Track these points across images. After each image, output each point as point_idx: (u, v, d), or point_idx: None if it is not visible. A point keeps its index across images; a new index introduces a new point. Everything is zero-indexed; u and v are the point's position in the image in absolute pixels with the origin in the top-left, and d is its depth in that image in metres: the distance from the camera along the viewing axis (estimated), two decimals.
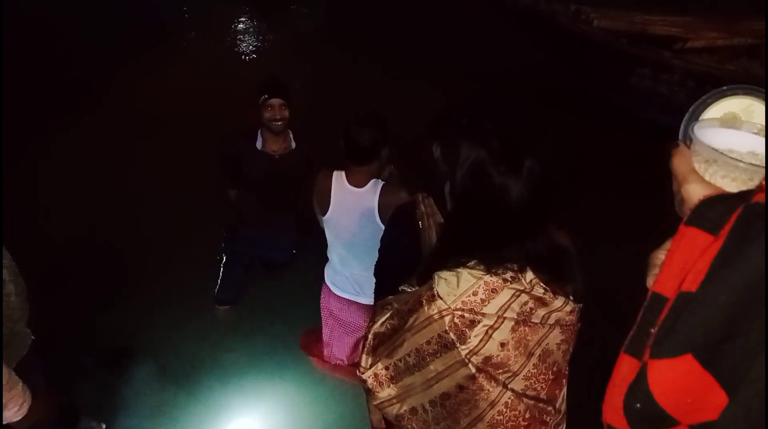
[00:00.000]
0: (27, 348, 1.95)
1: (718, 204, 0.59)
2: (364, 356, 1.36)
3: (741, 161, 0.62)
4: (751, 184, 0.62)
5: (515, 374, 1.29)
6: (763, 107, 0.70)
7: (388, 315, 1.38)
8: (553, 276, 1.32)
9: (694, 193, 0.64)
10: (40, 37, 7.07)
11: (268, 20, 9.32)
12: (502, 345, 1.26)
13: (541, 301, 1.29)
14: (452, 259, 1.32)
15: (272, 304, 3.46)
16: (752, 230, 0.51)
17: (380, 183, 2.39)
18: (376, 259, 1.93)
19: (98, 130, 5.24)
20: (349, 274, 2.61)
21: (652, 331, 0.59)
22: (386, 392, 1.34)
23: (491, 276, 1.26)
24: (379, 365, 1.33)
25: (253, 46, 8.44)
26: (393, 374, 1.32)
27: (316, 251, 2.83)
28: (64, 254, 3.61)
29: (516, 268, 1.28)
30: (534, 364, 1.31)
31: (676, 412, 0.54)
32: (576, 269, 1.37)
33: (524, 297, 1.27)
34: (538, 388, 1.33)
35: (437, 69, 6.31)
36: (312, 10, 9.76)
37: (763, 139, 0.66)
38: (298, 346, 3.13)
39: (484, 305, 1.25)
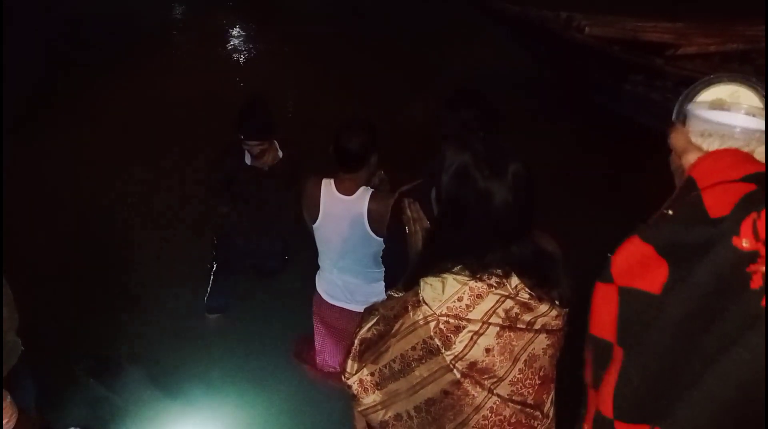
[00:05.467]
0: (17, 357, 1.95)
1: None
2: (349, 362, 1.36)
3: (737, 127, 0.69)
4: (747, 150, 0.68)
5: (501, 379, 1.29)
6: (748, 92, 0.77)
7: (374, 321, 1.38)
8: (538, 281, 1.32)
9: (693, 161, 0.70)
10: (31, 39, 7.07)
11: (262, 24, 9.28)
12: (487, 350, 1.26)
13: (526, 306, 1.29)
14: (438, 265, 1.32)
15: (263, 312, 3.44)
16: None
17: (369, 190, 2.39)
18: (384, 274, 1.92)
19: (89, 134, 5.20)
20: (340, 282, 2.60)
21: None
22: (371, 398, 1.33)
23: (476, 281, 1.27)
24: (365, 371, 1.33)
25: (246, 51, 8.41)
26: (378, 380, 1.32)
27: (308, 258, 2.82)
28: (52, 263, 3.58)
29: (501, 274, 1.29)
30: (520, 369, 1.31)
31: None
32: (562, 274, 1.37)
33: (509, 302, 1.28)
34: (525, 393, 1.33)
35: (431, 73, 6.31)
36: (306, 12, 9.73)
37: (750, 117, 0.72)
38: (290, 354, 3.11)
39: (469, 311, 1.25)
